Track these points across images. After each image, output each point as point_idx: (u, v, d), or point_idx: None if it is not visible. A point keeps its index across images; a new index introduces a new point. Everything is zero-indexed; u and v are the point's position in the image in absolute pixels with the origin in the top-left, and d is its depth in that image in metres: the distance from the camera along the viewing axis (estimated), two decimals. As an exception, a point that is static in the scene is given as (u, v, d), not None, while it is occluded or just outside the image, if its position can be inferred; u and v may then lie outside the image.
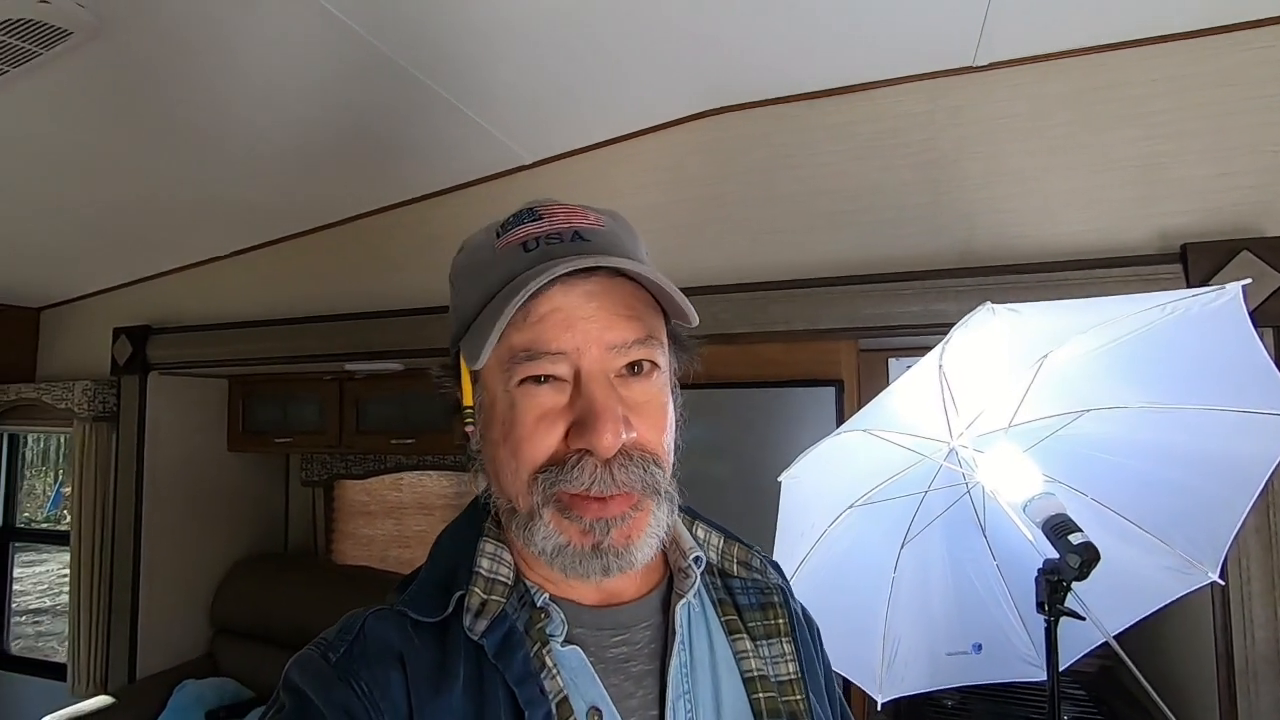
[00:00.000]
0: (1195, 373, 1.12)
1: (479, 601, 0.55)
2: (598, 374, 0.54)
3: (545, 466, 0.54)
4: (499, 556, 0.59)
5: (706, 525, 0.68)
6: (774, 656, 0.62)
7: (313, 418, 2.77)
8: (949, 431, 1.24)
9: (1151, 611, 1.27)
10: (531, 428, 0.54)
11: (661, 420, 0.58)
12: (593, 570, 0.54)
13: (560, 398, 0.54)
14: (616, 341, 0.55)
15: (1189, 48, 1.62)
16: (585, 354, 0.54)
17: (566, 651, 0.55)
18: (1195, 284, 1.53)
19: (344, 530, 3.13)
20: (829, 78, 1.87)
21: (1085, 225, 1.67)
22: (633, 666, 0.58)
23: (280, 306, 2.51)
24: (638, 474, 0.54)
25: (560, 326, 0.54)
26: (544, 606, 0.57)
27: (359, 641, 0.54)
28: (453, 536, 0.63)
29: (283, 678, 0.54)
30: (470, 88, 1.78)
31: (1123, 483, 1.26)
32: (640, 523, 0.55)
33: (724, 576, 0.67)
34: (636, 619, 0.60)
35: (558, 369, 0.54)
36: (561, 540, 0.54)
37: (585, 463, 0.53)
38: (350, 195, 2.33)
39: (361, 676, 0.52)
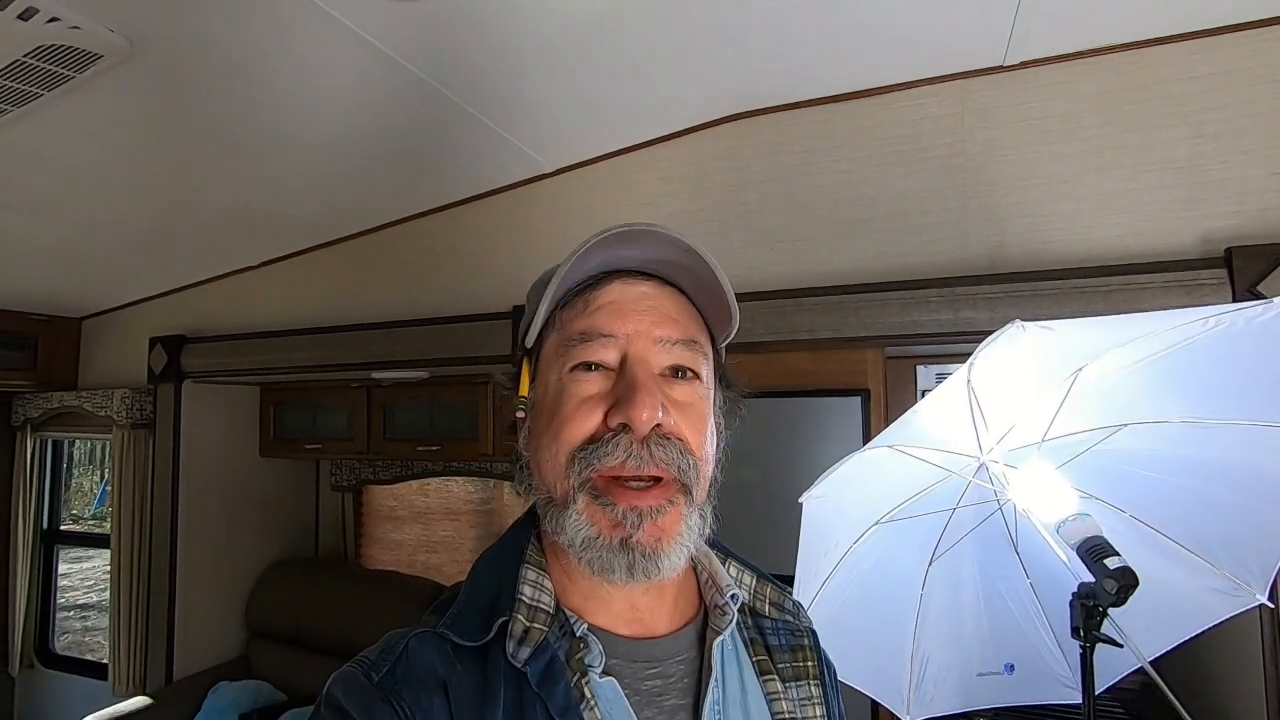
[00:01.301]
0: (1242, 387, 1.07)
1: (522, 629, 0.55)
2: (642, 359, 0.57)
3: (583, 446, 0.55)
4: (541, 584, 0.59)
5: (739, 564, 0.69)
6: (802, 699, 0.63)
7: (341, 425, 2.81)
8: (979, 447, 1.21)
9: (1195, 634, 1.21)
10: (574, 409, 0.56)
11: (701, 425, 0.59)
12: (618, 566, 0.54)
13: (605, 384, 0.57)
14: (664, 336, 0.58)
15: (1234, 41, 1.55)
16: (633, 341, 0.57)
17: (604, 683, 0.55)
18: (1240, 289, 1.46)
19: (372, 535, 3.17)
20: (852, 80, 1.83)
21: (1122, 229, 1.61)
22: (666, 700, 0.58)
23: (309, 316, 2.55)
24: (674, 455, 0.55)
25: (614, 314, 0.58)
26: (583, 636, 0.57)
27: (401, 662, 0.55)
28: (493, 561, 0.63)
29: (324, 694, 0.55)
30: (491, 99, 1.79)
31: (1164, 499, 1.21)
32: (672, 524, 0.55)
33: (755, 616, 0.67)
34: (670, 653, 0.60)
35: (607, 354, 0.57)
36: (591, 532, 0.54)
37: (621, 438, 0.54)
38: (375, 206, 2.36)
39: (404, 698, 0.52)
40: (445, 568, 3.03)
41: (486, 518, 3.03)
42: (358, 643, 2.58)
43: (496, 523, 3.04)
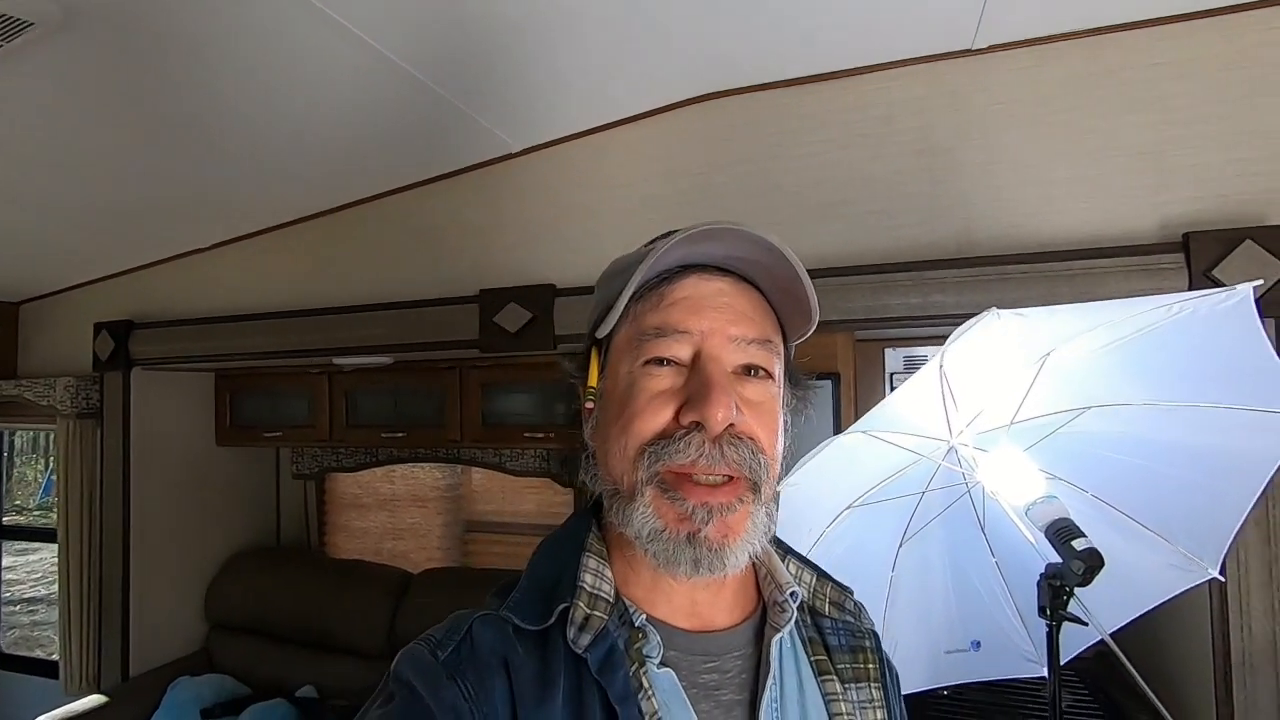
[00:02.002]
0: (1201, 371, 1.10)
1: (583, 615, 0.56)
2: (716, 356, 0.57)
3: (654, 441, 0.56)
4: (601, 573, 0.59)
5: (799, 561, 0.68)
6: (862, 701, 0.62)
7: (302, 411, 2.73)
8: (949, 430, 1.22)
9: (1152, 608, 1.26)
10: (645, 404, 0.57)
11: (772, 424, 0.59)
12: (683, 560, 0.54)
13: (677, 379, 0.57)
14: (739, 335, 0.58)
15: (1199, 28, 1.58)
16: (708, 338, 0.57)
17: (661, 674, 0.56)
18: (1197, 273, 1.50)
19: (337, 523, 3.11)
20: (822, 62, 1.81)
21: (1086, 214, 1.64)
22: (722, 695, 0.58)
23: (266, 300, 2.45)
24: (746, 455, 0.55)
25: (690, 310, 0.58)
26: (642, 627, 0.57)
27: (466, 643, 0.55)
28: (554, 548, 0.63)
29: (392, 669, 0.55)
30: (457, 77, 1.73)
31: (1125, 479, 1.24)
32: (739, 522, 0.56)
33: (814, 615, 0.66)
34: (728, 648, 0.60)
35: (680, 350, 0.57)
36: (658, 524, 0.55)
37: (694, 437, 0.54)
38: (335, 186, 2.27)
39: (468, 677, 0.53)
40: (413, 555, 2.99)
41: (455, 504, 3.00)
42: (324, 632, 2.54)
43: (465, 509, 3.00)
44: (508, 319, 2.06)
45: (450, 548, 2.99)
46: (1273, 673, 1.42)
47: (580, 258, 2.08)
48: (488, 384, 2.48)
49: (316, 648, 2.66)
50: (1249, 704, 1.43)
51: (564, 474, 2.66)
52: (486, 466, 2.73)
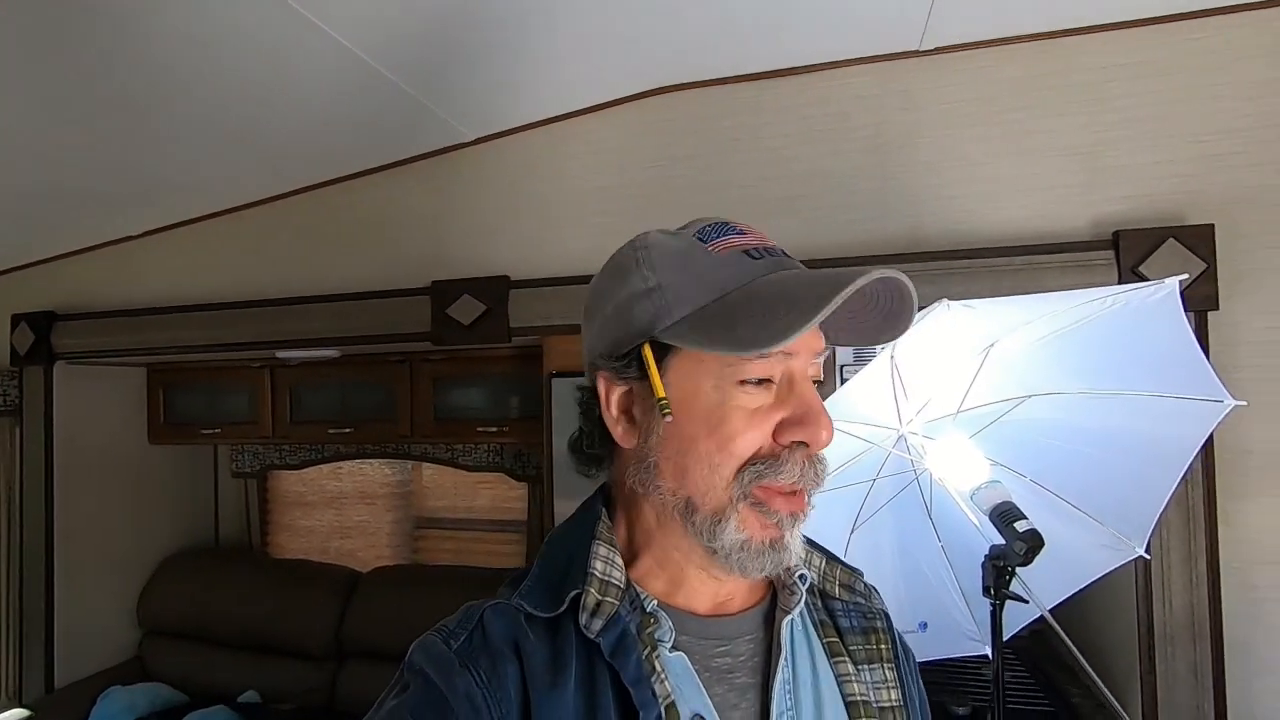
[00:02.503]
0: (1131, 361, 1.16)
1: (594, 601, 0.56)
2: (807, 377, 0.58)
3: (752, 461, 0.56)
4: (611, 560, 0.60)
5: (808, 545, 0.68)
6: (875, 682, 0.63)
7: (242, 407, 2.63)
8: (899, 419, 1.26)
9: (1085, 585, 1.33)
10: (745, 423, 0.56)
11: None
12: (765, 564, 0.56)
13: (770, 399, 0.57)
14: (819, 349, 0.59)
15: (1130, 36, 1.66)
16: (799, 357, 0.58)
17: (673, 657, 0.56)
18: (1125, 269, 1.59)
19: (280, 522, 3.01)
20: (780, 58, 1.84)
21: (1028, 211, 1.71)
22: (736, 678, 0.59)
23: (204, 291, 2.35)
24: (824, 471, 0.58)
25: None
26: (653, 612, 0.58)
27: (478, 632, 0.56)
28: (564, 537, 0.64)
29: (407, 659, 0.56)
30: (408, 63, 1.68)
31: (1061, 465, 1.30)
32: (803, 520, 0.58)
33: (824, 598, 0.67)
34: (740, 631, 0.61)
35: (775, 370, 0.57)
36: (744, 535, 0.56)
37: (797, 456, 0.55)
38: (279, 172, 2.18)
39: (480, 665, 0.54)
40: (361, 553, 2.92)
41: (405, 500, 2.93)
42: (267, 635, 2.46)
43: (415, 505, 2.95)
44: (461, 311, 2.02)
45: (400, 545, 2.93)
46: (1190, 643, 1.52)
47: (535, 249, 2.06)
48: (440, 377, 2.44)
49: (259, 651, 2.57)
50: (1170, 673, 1.53)
51: (518, 468, 2.64)
52: (438, 462, 2.68)
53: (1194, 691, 1.52)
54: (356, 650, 2.50)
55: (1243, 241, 1.57)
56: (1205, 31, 1.63)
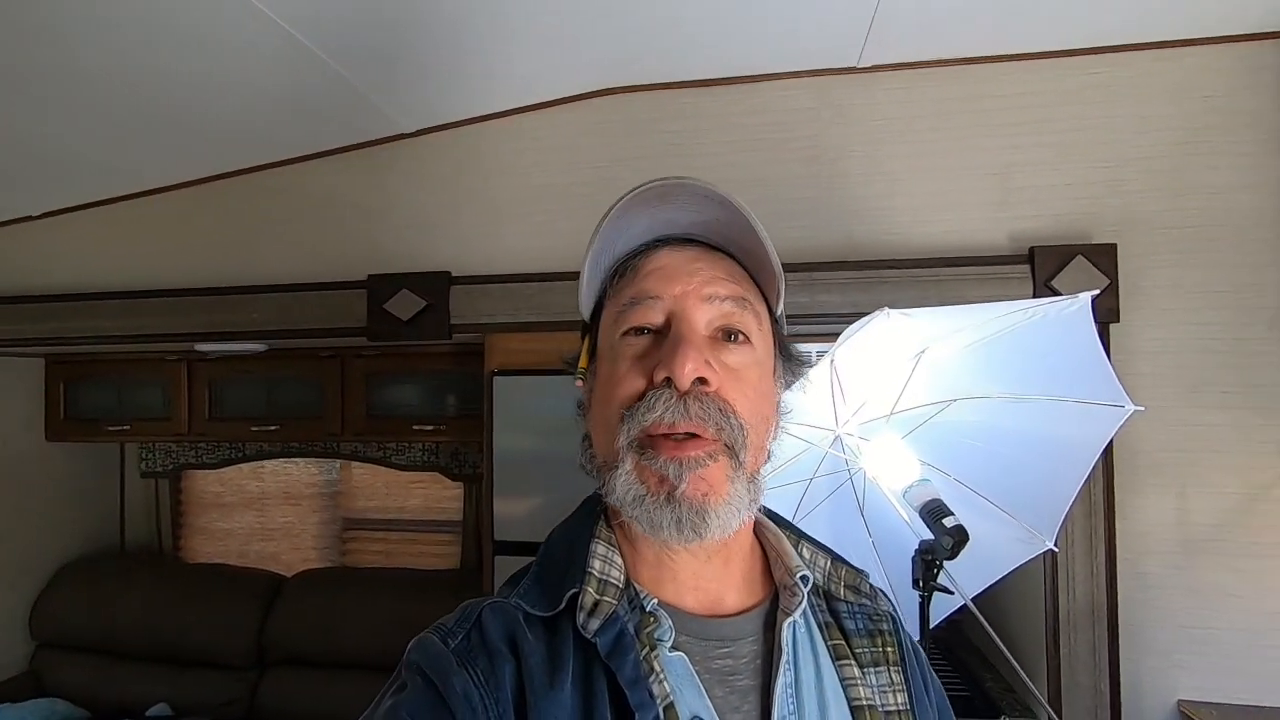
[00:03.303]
0: (1047, 368, 1.25)
1: (592, 601, 0.56)
2: (686, 316, 0.57)
3: (630, 405, 0.56)
4: (610, 559, 0.59)
5: (812, 546, 0.67)
6: (882, 685, 0.61)
7: (155, 403, 2.47)
8: (835, 420, 1.32)
9: (1001, 577, 1.42)
10: (624, 372, 0.57)
11: (752, 392, 0.58)
12: (666, 522, 0.54)
13: (652, 345, 0.57)
14: (712, 294, 0.58)
15: (1039, 67, 1.79)
16: (680, 301, 0.57)
17: (673, 658, 0.55)
18: (1039, 283, 1.71)
19: (194, 525, 2.85)
20: (722, 67, 1.88)
21: (950, 226, 1.82)
22: (737, 680, 0.57)
23: (115, 278, 2.20)
24: (713, 413, 0.54)
25: (663, 278, 0.59)
26: (653, 611, 0.57)
27: (476, 630, 0.56)
28: (564, 535, 0.63)
29: (404, 658, 0.55)
30: (347, 47, 1.63)
31: (982, 464, 1.39)
32: (717, 481, 0.55)
33: (829, 599, 0.65)
34: (741, 633, 0.59)
35: (654, 316, 0.57)
36: (640, 489, 0.55)
37: (663, 393, 0.54)
38: (202, 154, 2.07)
39: (478, 664, 0.53)
40: (284, 556, 2.79)
41: (333, 501, 2.83)
42: (179, 645, 2.33)
43: (344, 506, 2.84)
44: (399, 306, 1.97)
45: (327, 548, 2.82)
46: (1090, 628, 1.66)
47: (477, 245, 2.03)
48: (373, 374, 2.36)
49: (170, 662, 2.43)
50: (1072, 655, 1.66)
51: (454, 467, 2.59)
52: (370, 461, 2.60)
53: (1092, 672, 1.66)
54: (280, 658, 2.40)
55: (1138, 260, 1.72)
56: (1105, 67, 1.77)
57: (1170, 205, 1.73)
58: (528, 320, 1.90)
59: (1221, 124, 1.72)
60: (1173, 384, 1.70)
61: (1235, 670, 1.63)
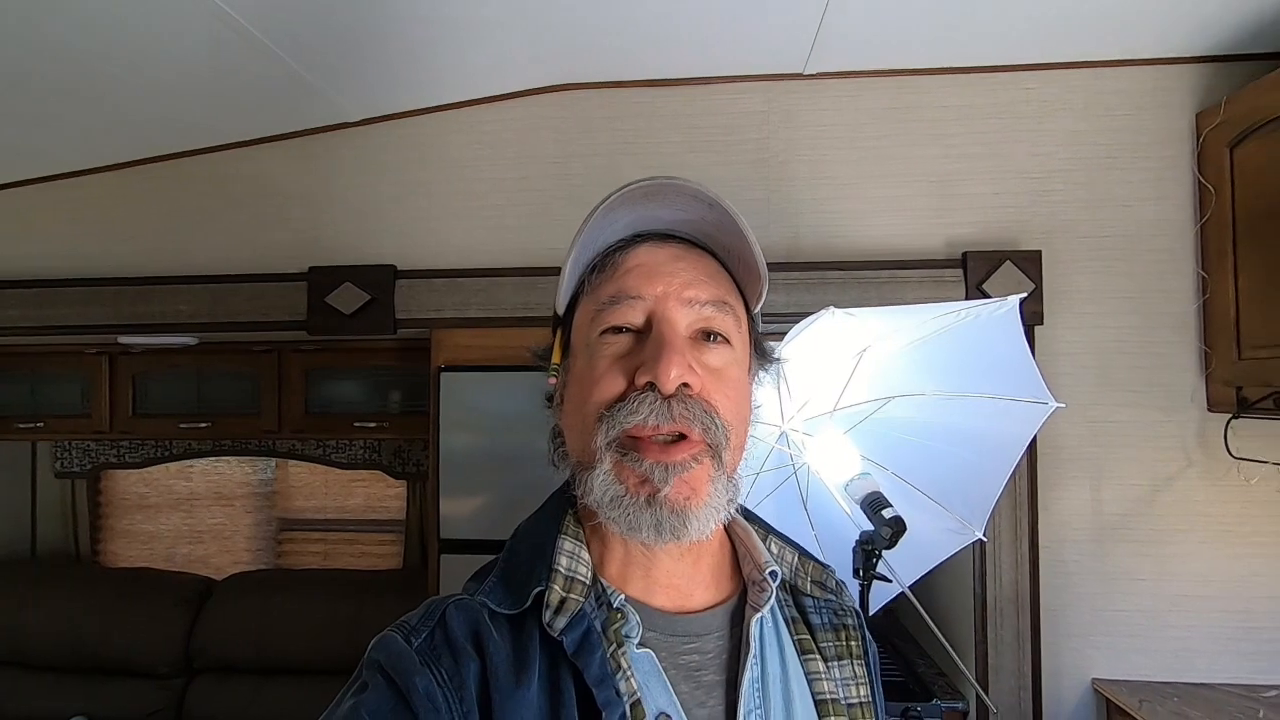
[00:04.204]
0: (978, 366, 1.32)
1: (558, 598, 0.55)
2: (669, 318, 0.56)
3: (610, 406, 0.55)
4: (577, 555, 0.59)
5: (780, 541, 0.67)
6: (845, 679, 0.62)
7: (72, 398, 2.33)
8: (781, 416, 1.36)
9: (935, 565, 1.50)
10: (603, 371, 0.56)
11: (733, 392, 0.58)
12: (645, 524, 0.53)
13: (633, 345, 0.57)
14: (693, 297, 0.57)
15: (974, 81, 1.88)
16: (662, 302, 0.57)
17: (640, 654, 0.55)
18: (971, 286, 1.80)
19: (115, 528, 2.69)
20: (674, 67, 1.91)
21: (890, 230, 1.89)
22: (704, 676, 0.57)
23: (26, 265, 2.06)
24: (698, 415, 0.54)
25: (643, 276, 0.58)
26: (620, 607, 0.56)
27: (440, 629, 0.54)
28: (531, 530, 0.62)
29: (366, 657, 0.54)
30: (288, 28, 1.57)
31: (917, 459, 1.45)
32: (700, 484, 0.54)
33: (796, 594, 0.65)
34: (708, 628, 0.59)
35: (635, 316, 0.57)
36: (619, 490, 0.54)
37: (646, 396, 0.54)
38: (127, 136, 1.96)
39: (443, 663, 0.52)
40: (215, 558, 2.68)
41: (268, 501, 2.73)
42: (98, 654, 2.22)
43: (280, 505, 2.74)
44: (342, 300, 1.92)
45: (261, 549, 2.71)
46: (1015, 613, 1.76)
47: (423, 238, 1.99)
48: (313, 369, 2.29)
49: (89, 673, 2.29)
50: (998, 639, 1.75)
51: (397, 465, 2.53)
52: (308, 459, 2.52)
53: (1016, 655, 1.76)
54: (209, 665, 2.30)
55: (1060, 266, 1.83)
56: (1034, 83, 1.88)
57: (1088, 215, 1.85)
58: (475, 315, 1.88)
59: (1133, 140, 1.85)
60: (1089, 383, 1.82)
61: (1143, 649, 1.76)
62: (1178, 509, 1.78)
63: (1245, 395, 1.67)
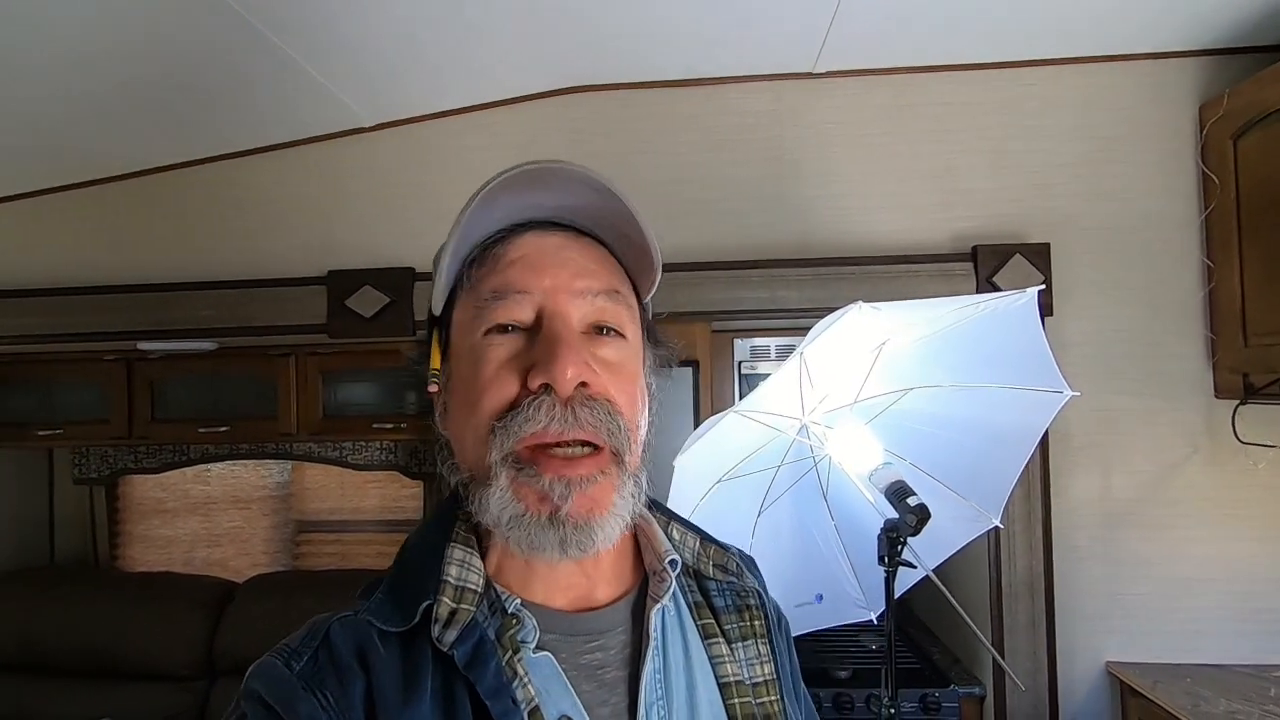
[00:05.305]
0: (994, 357, 1.36)
1: (448, 611, 0.52)
2: (560, 313, 0.53)
3: (502, 414, 0.51)
4: (468, 563, 0.55)
5: (682, 527, 0.66)
6: (749, 659, 0.61)
7: (91, 404, 2.34)
8: (802, 409, 1.39)
9: (954, 552, 1.53)
10: (491, 376, 0.52)
11: (630, 387, 0.56)
12: (548, 543, 0.51)
13: (523, 345, 0.53)
14: (584, 288, 0.54)
15: (980, 77, 1.92)
16: (551, 295, 0.53)
17: (538, 659, 0.53)
18: (982, 279, 1.83)
19: (134, 533, 2.71)
20: (684, 68, 1.93)
21: (899, 225, 1.92)
22: (606, 674, 0.56)
23: (47, 273, 2.08)
24: (602, 417, 0.52)
25: (528, 268, 0.54)
26: (516, 613, 0.54)
27: (324, 650, 0.51)
28: (420, 541, 0.59)
29: (243, 687, 0.51)
30: (304, 34, 1.59)
31: (934, 448, 1.49)
32: (603, 496, 0.52)
33: (700, 578, 0.64)
34: (611, 624, 0.58)
35: (522, 313, 0.53)
36: (518, 508, 0.51)
37: (544, 401, 0.50)
38: (146, 145, 1.98)
39: (327, 686, 0.49)
40: (233, 562, 2.69)
41: (284, 504, 2.75)
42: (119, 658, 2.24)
43: (296, 508, 2.77)
44: (361, 303, 1.95)
45: (279, 552, 2.73)
46: (1029, 598, 1.80)
47: (439, 240, 2.00)
48: (329, 372, 2.31)
49: (111, 677, 2.31)
50: (1013, 624, 1.79)
51: (413, 466, 2.56)
52: (325, 461, 2.54)
53: (1030, 639, 1.79)
54: (233, 667, 2.32)
55: (1066, 258, 1.87)
56: (1037, 79, 1.91)
57: (1093, 208, 1.88)
58: (493, 316, 1.90)
59: (1135, 134, 1.89)
60: (1097, 372, 1.85)
61: (1154, 631, 1.80)
62: (1186, 494, 1.82)
63: (1252, 381, 1.71)
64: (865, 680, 1.86)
